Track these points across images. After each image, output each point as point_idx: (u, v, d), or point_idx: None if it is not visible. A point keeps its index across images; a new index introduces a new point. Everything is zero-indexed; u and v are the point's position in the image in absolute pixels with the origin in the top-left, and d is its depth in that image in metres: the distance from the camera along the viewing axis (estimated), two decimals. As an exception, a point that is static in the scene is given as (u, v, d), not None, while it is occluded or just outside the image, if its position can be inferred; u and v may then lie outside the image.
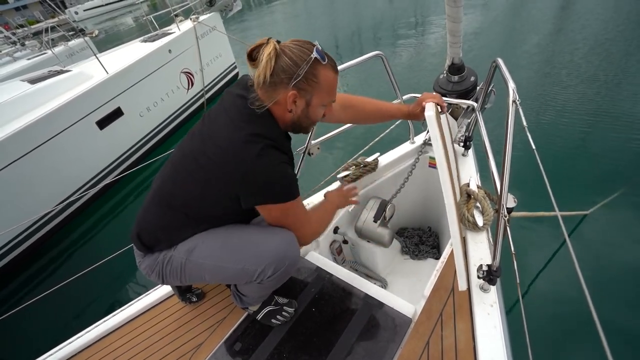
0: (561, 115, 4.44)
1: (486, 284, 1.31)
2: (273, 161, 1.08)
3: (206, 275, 1.26)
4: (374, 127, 1.37)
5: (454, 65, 1.98)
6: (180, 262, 1.23)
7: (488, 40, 7.40)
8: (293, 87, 1.07)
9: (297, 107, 1.13)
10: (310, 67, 1.06)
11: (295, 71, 1.05)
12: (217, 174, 1.10)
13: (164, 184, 1.23)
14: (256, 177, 1.07)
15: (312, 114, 1.17)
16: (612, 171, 3.38)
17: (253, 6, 20.09)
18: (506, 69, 1.37)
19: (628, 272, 2.52)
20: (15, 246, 4.48)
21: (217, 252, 1.21)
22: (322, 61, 1.08)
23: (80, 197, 4.93)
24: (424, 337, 1.27)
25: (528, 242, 2.86)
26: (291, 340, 1.36)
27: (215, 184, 1.12)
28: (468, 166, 1.91)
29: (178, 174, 1.20)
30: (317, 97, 1.13)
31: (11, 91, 4.87)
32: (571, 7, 8.42)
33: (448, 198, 1.27)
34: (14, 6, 43.49)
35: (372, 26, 11.11)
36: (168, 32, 6.92)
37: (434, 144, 1.29)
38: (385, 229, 1.81)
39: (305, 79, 1.07)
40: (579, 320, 2.21)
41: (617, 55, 5.51)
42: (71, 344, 1.50)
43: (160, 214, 1.23)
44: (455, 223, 1.28)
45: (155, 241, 1.25)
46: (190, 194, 1.17)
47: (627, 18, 6.78)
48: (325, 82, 1.11)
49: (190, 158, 1.16)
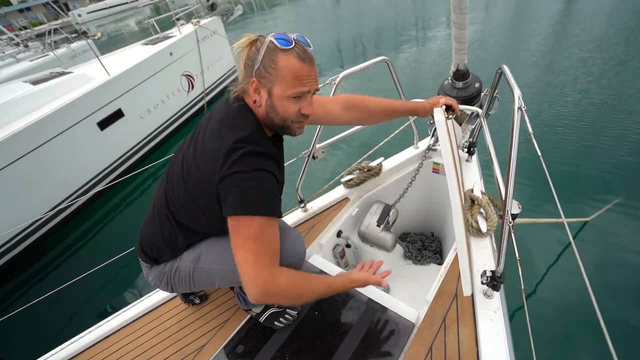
0: (561, 120, 4.46)
1: (490, 289, 1.30)
2: (251, 165, 1.01)
3: (216, 280, 1.26)
4: (378, 132, 1.37)
5: (458, 72, 1.99)
6: (188, 271, 1.24)
7: (488, 46, 7.45)
8: (255, 75, 1.03)
9: (261, 98, 1.07)
10: (267, 52, 1.00)
11: (255, 57, 1.02)
12: (202, 186, 1.07)
13: (160, 196, 1.23)
14: (229, 182, 1.00)
15: (279, 107, 1.06)
16: (612, 178, 3.39)
17: (255, 10, 20.21)
18: (511, 76, 1.37)
19: (631, 279, 2.51)
20: (13, 247, 4.47)
21: (224, 255, 1.20)
22: (281, 46, 1.00)
23: (80, 197, 4.94)
24: (427, 342, 1.26)
25: (529, 248, 2.86)
26: (294, 344, 1.36)
27: (202, 196, 1.09)
28: (472, 172, 1.92)
29: (172, 188, 1.18)
30: (279, 86, 1.03)
31: (14, 92, 4.91)
32: (572, 11, 8.49)
33: (455, 202, 1.26)
34: (18, 8, 43.67)
35: (374, 31, 11.18)
36: (169, 35, 6.99)
37: (443, 148, 1.29)
38: (388, 234, 1.81)
39: (263, 66, 1.01)
40: (584, 326, 2.21)
41: (618, 60, 5.55)
42: (73, 344, 1.49)
43: (159, 226, 1.22)
44: (462, 228, 1.27)
45: (158, 253, 1.26)
46: (183, 208, 1.15)
47: (627, 21, 6.84)
48: (285, 70, 1.01)
49: (182, 171, 1.13)
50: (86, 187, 5.11)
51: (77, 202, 4.56)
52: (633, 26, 6.66)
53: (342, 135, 2.05)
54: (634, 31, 6.46)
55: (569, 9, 8.80)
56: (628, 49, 5.86)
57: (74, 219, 5.05)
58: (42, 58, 8.91)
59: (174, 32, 7.07)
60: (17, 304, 3.73)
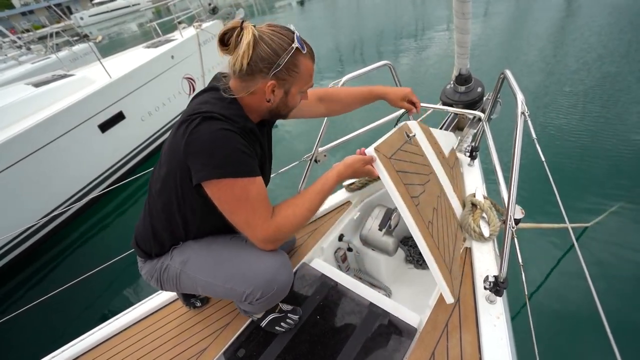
0: (562, 122, 4.48)
1: (492, 295, 1.30)
2: (217, 125, 0.99)
3: (199, 289, 1.25)
4: (381, 135, 1.36)
5: (461, 76, 2.00)
6: (175, 272, 1.23)
7: (490, 50, 7.46)
8: (272, 77, 1.04)
9: (276, 97, 1.10)
10: (291, 57, 1.02)
11: (275, 61, 1.01)
12: (172, 161, 1.06)
13: (149, 189, 1.24)
14: (197, 145, 0.98)
15: (291, 102, 1.15)
16: (613, 182, 3.40)
17: (256, 14, 20.29)
18: (514, 81, 1.38)
19: (637, 285, 2.50)
20: (12, 248, 4.47)
21: (208, 267, 1.19)
22: (302, 50, 1.05)
23: (82, 198, 4.95)
24: (430, 347, 1.26)
25: (531, 252, 2.85)
26: (295, 348, 1.35)
27: (174, 172, 1.08)
28: (474, 176, 1.91)
29: (154, 178, 1.19)
30: (297, 86, 1.10)
31: (16, 94, 4.94)
32: (574, 16, 8.51)
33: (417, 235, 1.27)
34: (21, 11, 43.85)
35: (375, 35, 11.22)
36: (171, 39, 7.01)
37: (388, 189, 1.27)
38: (390, 238, 1.80)
39: (286, 69, 1.04)
40: (590, 333, 2.18)
41: (618, 64, 5.56)
42: (74, 346, 1.48)
43: (149, 219, 1.23)
44: (425, 246, 1.28)
45: (149, 247, 1.26)
46: (161, 194, 1.15)
47: (628, 24, 6.86)
48: (305, 72, 1.09)
49: (162, 158, 1.15)
50: (87, 189, 5.13)
51: (79, 204, 4.55)
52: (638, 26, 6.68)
53: (345, 139, 2.05)
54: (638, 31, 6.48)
55: (570, 11, 8.82)
56: (632, 50, 5.88)
57: (74, 220, 5.06)
58: (43, 60, 8.95)
59: (176, 35, 7.10)
60: (17, 305, 3.71)
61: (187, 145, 0.99)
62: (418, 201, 1.34)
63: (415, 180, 1.40)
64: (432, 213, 1.40)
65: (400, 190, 1.27)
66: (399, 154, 1.39)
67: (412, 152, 1.49)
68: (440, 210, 1.49)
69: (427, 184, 1.49)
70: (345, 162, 1.23)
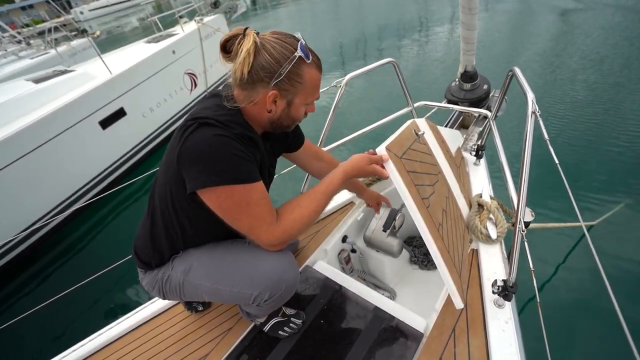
0: (570, 118, 4.43)
1: (501, 299, 1.27)
2: (211, 132, 0.95)
3: (205, 296, 1.23)
4: (384, 135, 1.32)
5: (467, 73, 1.96)
6: (178, 282, 1.21)
7: (496, 47, 7.39)
8: (274, 87, 0.99)
9: (277, 107, 1.05)
10: (293, 66, 0.97)
11: (276, 70, 0.97)
12: (169, 169, 1.04)
13: (151, 194, 1.20)
14: (191, 153, 0.95)
15: (294, 114, 1.09)
16: (617, 182, 3.36)
17: (258, 8, 20.16)
18: (524, 79, 1.34)
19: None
20: (12, 248, 4.45)
21: (212, 273, 1.17)
22: (307, 59, 0.99)
23: (82, 196, 4.95)
24: (437, 353, 1.23)
25: (540, 253, 2.81)
26: (299, 353, 1.32)
27: (170, 180, 1.05)
28: (480, 176, 1.88)
29: (155, 185, 1.16)
30: (300, 97, 1.04)
31: (16, 90, 4.91)
32: (576, 17, 8.41)
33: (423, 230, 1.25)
34: (20, 5, 43.67)
35: (378, 31, 11.12)
36: (172, 34, 6.95)
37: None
38: (394, 239, 1.77)
39: (288, 79, 0.99)
40: (606, 337, 2.14)
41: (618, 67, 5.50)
42: (75, 352, 1.46)
43: (149, 226, 1.20)
44: (435, 248, 1.26)
45: (148, 257, 1.23)
46: (161, 201, 1.13)
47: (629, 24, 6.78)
48: (309, 82, 1.03)
49: (161, 163, 1.12)
50: (89, 186, 5.11)
51: (79, 204, 4.54)
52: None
53: (347, 139, 2.02)
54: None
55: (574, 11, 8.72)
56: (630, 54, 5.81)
57: (75, 220, 5.03)
58: (42, 56, 8.91)
59: (177, 30, 7.03)
60: (17, 308, 3.70)
61: (180, 154, 0.96)
62: (429, 203, 1.31)
63: (426, 180, 1.37)
64: (441, 215, 1.37)
65: (412, 192, 1.23)
66: (409, 153, 1.35)
67: (421, 152, 1.46)
68: (449, 211, 1.46)
69: (436, 184, 1.46)
70: (351, 160, 1.20)
